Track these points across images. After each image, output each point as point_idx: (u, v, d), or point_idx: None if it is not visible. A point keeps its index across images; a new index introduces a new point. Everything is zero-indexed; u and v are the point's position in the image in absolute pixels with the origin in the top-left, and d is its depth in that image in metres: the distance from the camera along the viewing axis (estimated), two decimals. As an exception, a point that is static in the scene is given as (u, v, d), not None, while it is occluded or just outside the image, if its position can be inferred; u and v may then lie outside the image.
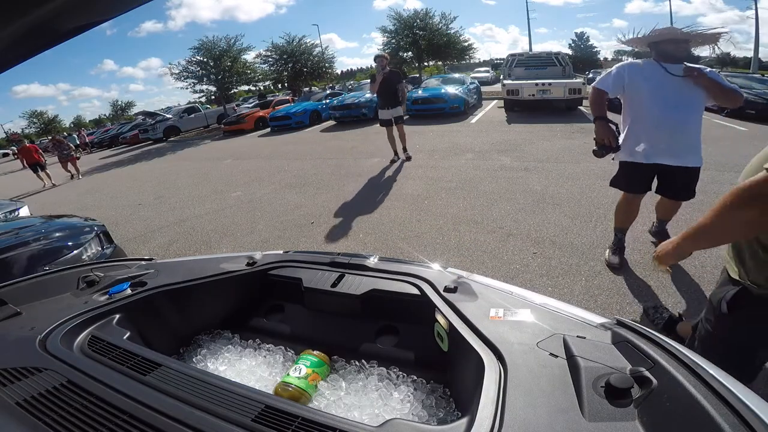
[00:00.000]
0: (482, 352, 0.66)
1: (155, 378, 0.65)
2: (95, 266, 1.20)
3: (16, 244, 2.23)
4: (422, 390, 0.79)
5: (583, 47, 36.63)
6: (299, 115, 12.58)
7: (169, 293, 0.98)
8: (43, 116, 43.31)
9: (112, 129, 24.06)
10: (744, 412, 0.48)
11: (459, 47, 25.94)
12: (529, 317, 0.74)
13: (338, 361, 0.90)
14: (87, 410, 0.58)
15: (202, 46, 19.61)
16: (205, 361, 0.91)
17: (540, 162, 5.28)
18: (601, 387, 0.56)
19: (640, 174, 2.25)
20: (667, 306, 2.08)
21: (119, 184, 8.04)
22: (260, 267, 1.07)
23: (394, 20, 24.76)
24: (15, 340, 0.79)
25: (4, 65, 0.70)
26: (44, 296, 1.02)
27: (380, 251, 3.17)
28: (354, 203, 4.43)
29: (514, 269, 2.65)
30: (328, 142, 9.13)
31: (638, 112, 2.18)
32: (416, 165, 5.79)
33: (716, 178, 4.18)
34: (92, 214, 4.15)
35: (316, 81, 26.70)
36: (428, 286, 0.89)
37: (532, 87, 9.13)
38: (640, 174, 2.25)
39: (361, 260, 1.03)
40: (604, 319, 0.75)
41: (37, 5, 0.38)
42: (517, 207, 3.74)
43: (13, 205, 3.98)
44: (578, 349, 0.63)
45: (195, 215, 4.81)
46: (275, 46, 23.43)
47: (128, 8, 0.47)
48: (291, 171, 6.46)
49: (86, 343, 0.78)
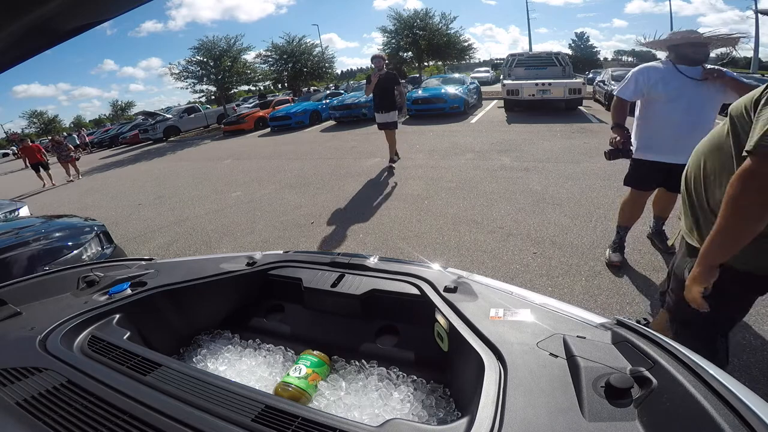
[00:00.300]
0: (482, 352, 0.66)
1: (155, 378, 0.65)
2: (95, 266, 1.20)
3: (16, 244, 2.23)
4: (422, 390, 0.79)
5: (583, 47, 36.65)
6: (299, 115, 12.58)
7: (169, 293, 0.98)
8: (43, 116, 43.36)
9: (112, 129, 24.05)
10: (744, 412, 0.48)
11: (459, 47, 25.93)
12: (529, 317, 0.74)
13: (338, 361, 0.90)
14: (87, 410, 0.58)
15: (202, 46, 19.61)
16: (205, 361, 0.91)
17: (540, 162, 5.28)
18: (601, 387, 0.56)
19: (653, 171, 2.29)
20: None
21: (119, 184, 8.04)
22: (260, 267, 1.07)
23: (394, 20, 24.79)
24: (15, 340, 0.79)
25: (4, 65, 0.70)
26: (44, 296, 1.02)
27: (380, 251, 3.17)
28: (354, 203, 4.43)
29: (514, 269, 2.65)
30: (328, 142, 9.12)
31: (656, 114, 2.22)
32: (416, 165, 5.79)
33: (716, 178, 4.18)
34: (92, 214, 4.16)
35: (316, 81, 26.70)
36: (428, 286, 0.89)
37: (532, 87, 9.13)
38: (652, 171, 2.29)
39: (361, 260, 1.03)
40: (604, 319, 0.75)
41: (37, 5, 0.38)
42: (517, 207, 3.74)
43: (13, 205, 3.98)
44: (578, 349, 0.63)
45: (195, 215, 4.81)
46: (275, 46, 23.43)
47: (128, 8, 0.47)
48: (291, 171, 6.46)
49: (86, 343, 0.78)
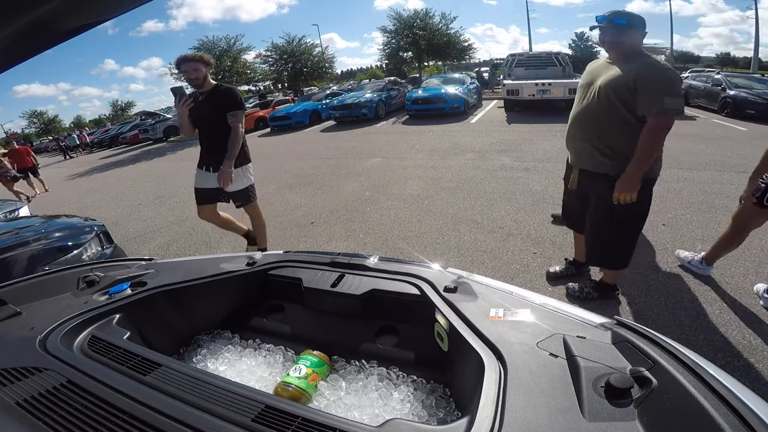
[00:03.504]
0: (482, 352, 0.66)
1: (155, 378, 0.65)
2: (95, 266, 1.20)
3: (16, 244, 2.23)
4: (422, 390, 0.79)
5: (583, 47, 36.56)
6: (299, 115, 12.58)
7: (169, 293, 0.98)
8: (43, 116, 43.36)
9: (112, 129, 24.03)
10: (744, 412, 0.48)
11: (459, 47, 25.96)
12: (529, 317, 0.74)
13: (338, 361, 0.90)
14: (87, 410, 0.58)
15: (201, 46, 19.69)
16: (205, 361, 0.91)
17: (540, 162, 5.28)
18: (601, 387, 0.56)
19: None
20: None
21: (119, 184, 8.03)
22: (260, 267, 1.07)
23: (394, 20, 24.83)
24: (15, 340, 0.79)
25: (4, 65, 0.70)
26: (44, 296, 1.02)
27: (380, 251, 3.17)
28: (354, 203, 4.43)
29: (514, 269, 2.65)
30: (328, 142, 9.12)
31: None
32: (416, 165, 5.79)
33: (716, 178, 4.18)
34: (92, 214, 4.15)
35: (316, 81, 26.72)
36: (428, 286, 0.89)
37: (532, 87, 9.13)
38: None
39: (361, 260, 1.03)
40: (604, 319, 0.75)
41: (37, 5, 0.38)
42: (517, 207, 3.73)
43: (13, 205, 3.98)
44: (578, 349, 0.63)
45: (195, 215, 4.77)
46: (275, 46, 23.48)
47: (129, 8, 0.46)
48: (291, 171, 6.46)
49: (86, 343, 0.78)
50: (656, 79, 1.58)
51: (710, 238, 2.82)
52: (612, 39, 1.70)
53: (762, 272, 2.33)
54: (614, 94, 1.66)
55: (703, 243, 2.75)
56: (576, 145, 1.89)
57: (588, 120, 1.79)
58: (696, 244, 2.75)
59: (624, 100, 1.64)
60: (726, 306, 2.07)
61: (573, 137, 1.90)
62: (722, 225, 3.02)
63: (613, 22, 1.67)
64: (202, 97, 2.50)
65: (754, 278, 2.28)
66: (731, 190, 3.76)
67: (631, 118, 1.66)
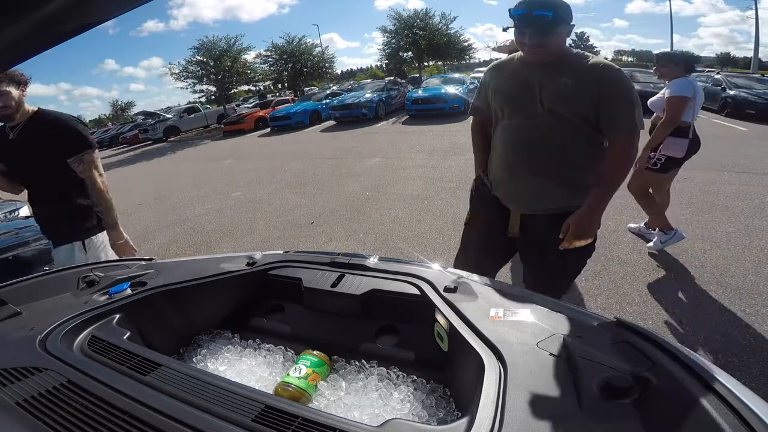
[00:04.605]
0: (482, 352, 0.66)
1: (155, 378, 0.65)
2: (95, 266, 1.20)
3: (16, 244, 2.23)
4: (422, 390, 0.79)
5: (583, 47, 36.64)
6: (299, 115, 12.60)
7: (169, 293, 0.98)
8: (43, 116, 43.22)
9: (113, 129, 24.06)
10: (744, 412, 0.48)
11: (459, 47, 25.97)
12: (529, 317, 0.74)
13: (338, 361, 0.90)
14: (87, 410, 0.58)
15: (202, 46, 19.65)
16: (205, 361, 0.91)
17: (540, 162, 5.27)
18: (601, 387, 0.55)
19: None
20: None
21: (119, 184, 8.03)
22: (260, 267, 1.07)
23: (394, 20, 24.83)
24: (15, 340, 0.79)
25: (4, 65, 0.70)
26: (44, 296, 1.02)
27: (380, 251, 3.17)
28: (354, 203, 4.43)
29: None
30: (328, 142, 9.13)
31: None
32: (416, 165, 5.79)
33: (716, 178, 4.18)
34: (92, 214, 4.14)
35: (316, 81, 26.72)
36: (428, 286, 0.89)
37: None
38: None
39: (361, 260, 1.03)
40: (604, 319, 0.75)
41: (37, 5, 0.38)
42: (517, 207, 3.73)
43: (13, 205, 3.98)
44: (578, 349, 0.63)
45: (195, 215, 4.81)
46: (275, 46, 23.48)
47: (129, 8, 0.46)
48: (291, 171, 6.46)
49: (86, 343, 0.77)
50: (625, 89, 1.25)
51: (710, 237, 2.83)
52: (539, 39, 1.24)
53: (762, 272, 2.33)
54: (575, 110, 1.27)
55: (703, 243, 2.75)
56: (528, 185, 1.40)
57: (542, 149, 1.34)
58: (696, 244, 2.75)
59: (586, 117, 1.28)
60: (726, 306, 2.07)
61: (519, 175, 1.40)
62: (722, 225, 3.03)
63: (533, 14, 1.22)
64: (13, 134, 1.63)
65: (754, 278, 2.28)
66: (731, 190, 3.76)
67: (600, 137, 1.32)
